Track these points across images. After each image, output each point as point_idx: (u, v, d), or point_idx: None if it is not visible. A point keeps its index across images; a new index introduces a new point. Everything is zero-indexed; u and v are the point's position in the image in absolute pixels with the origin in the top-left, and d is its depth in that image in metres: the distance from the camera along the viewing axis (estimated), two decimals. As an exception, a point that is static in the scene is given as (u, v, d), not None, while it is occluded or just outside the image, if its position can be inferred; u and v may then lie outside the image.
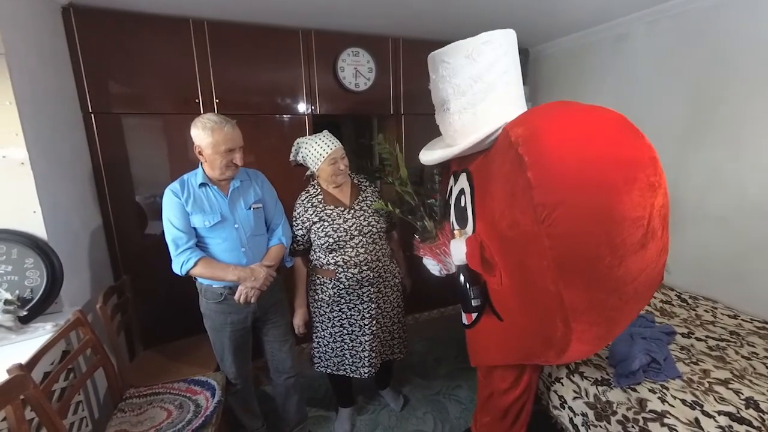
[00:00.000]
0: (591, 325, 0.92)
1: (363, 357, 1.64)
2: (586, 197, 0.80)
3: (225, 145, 1.33)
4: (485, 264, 1.13)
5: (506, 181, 0.96)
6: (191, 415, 1.36)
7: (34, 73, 1.43)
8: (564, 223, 0.81)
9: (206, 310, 1.49)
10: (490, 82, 1.08)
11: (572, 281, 0.85)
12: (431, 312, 2.87)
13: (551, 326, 0.96)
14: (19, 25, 1.36)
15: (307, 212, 1.57)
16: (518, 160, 0.87)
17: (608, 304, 0.88)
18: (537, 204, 0.83)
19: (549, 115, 0.92)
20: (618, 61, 2.20)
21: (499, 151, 1.02)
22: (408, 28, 2.22)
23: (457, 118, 1.15)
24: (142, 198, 1.97)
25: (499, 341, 1.27)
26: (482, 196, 1.14)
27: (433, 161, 1.26)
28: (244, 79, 2.05)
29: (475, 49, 1.07)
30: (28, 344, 1.24)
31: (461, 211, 1.25)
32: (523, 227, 0.91)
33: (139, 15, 1.80)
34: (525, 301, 1.05)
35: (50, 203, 1.43)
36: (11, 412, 0.94)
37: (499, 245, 1.07)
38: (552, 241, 0.83)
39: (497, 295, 1.18)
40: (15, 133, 1.30)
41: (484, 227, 1.13)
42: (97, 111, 1.81)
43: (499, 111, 1.09)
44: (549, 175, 0.82)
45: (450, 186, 1.39)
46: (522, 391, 1.39)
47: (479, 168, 1.16)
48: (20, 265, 1.34)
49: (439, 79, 1.16)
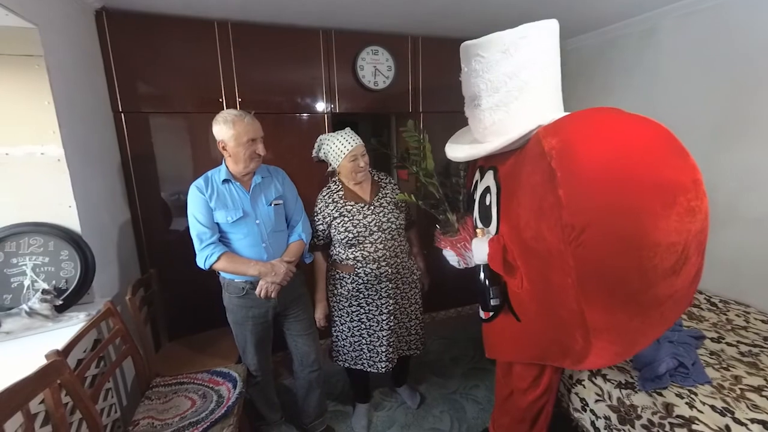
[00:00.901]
0: (611, 343, 0.89)
1: (380, 352, 1.65)
2: (617, 222, 0.76)
3: (247, 135, 1.37)
4: (507, 266, 1.11)
5: (535, 192, 0.92)
6: (214, 404, 1.40)
7: (69, 74, 1.50)
8: (592, 246, 0.78)
9: (229, 304, 1.52)
10: (526, 80, 1.02)
11: (596, 302, 0.82)
12: (448, 311, 2.86)
13: (570, 339, 0.94)
14: (56, 28, 1.43)
15: (327, 207, 1.59)
16: (550, 174, 0.83)
17: (630, 327, 0.85)
18: (565, 224, 0.80)
19: (586, 126, 0.86)
20: (645, 58, 2.13)
21: (530, 158, 0.97)
22: (427, 26, 2.21)
23: (488, 115, 1.10)
24: (166, 195, 2.04)
25: (516, 340, 1.26)
26: (509, 198, 1.10)
27: (459, 159, 1.23)
28: (266, 78, 2.09)
29: (512, 43, 1.00)
30: (63, 332, 1.30)
31: (486, 209, 1.22)
32: (549, 242, 0.87)
33: (166, 17, 1.86)
34: (545, 310, 1.03)
35: (84, 198, 1.50)
36: (49, 395, 0.99)
37: (521, 252, 1.05)
38: (578, 261, 0.80)
39: (517, 297, 1.16)
40: (53, 131, 1.37)
41: (508, 230, 1.10)
42: (126, 110, 1.88)
43: (534, 111, 1.03)
44: (580, 195, 0.78)
45: (475, 180, 1.36)
46: (542, 392, 1.37)
47: (508, 169, 1.12)
48: (56, 257, 1.41)
49: (471, 73, 1.11)
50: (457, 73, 1.21)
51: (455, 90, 1.26)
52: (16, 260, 1.37)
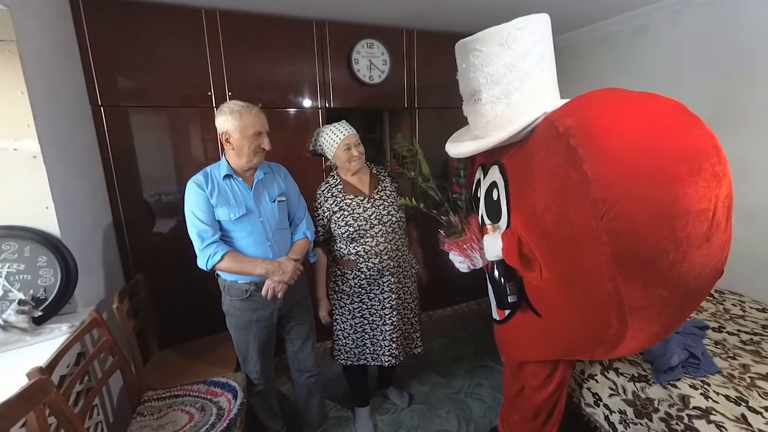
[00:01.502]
0: (649, 322, 0.87)
1: (384, 346, 1.63)
2: (648, 191, 0.75)
3: (254, 128, 1.30)
4: (523, 259, 1.08)
5: (553, 175, 0.90)
6: (214, 418, 1.31)
7: (45, 62, 1.36)
8: (625, 219, 0.76)
9: (230, 309, 1.43)
10: (526, 71, 1.03)
11: (632, 278, 0.81)
12: (445, 309, 2.83)
13: (604, 323, 0.92)
14: (30, 12, 1.30)
15: (327, 202, 1.55)
16: (570, 153, 0.82)
17: (669, 301, 0.84)
18: (595, 199, 0.78)
19: (600, 104, 0.87)
20: (638, 53, 2.16)
21: (541, 142, 0.97)
22: (423, 19, 2.16)
23: (490, 108, 1.09)
24: (148, 195, 1.91)
25: (538, 337, 1.22)
26: (519, 188, 1.08)
27: (463, 154, 1.20)
28: (257, 71, 1.99)
29: (510, 35, 1.01)
30: (43, 346, 1.18)
31: (494, 204, 1.20)
32: (577, 223, 0.86)
33: (149, 4, 1.73)
34: (572, 298, 1.00)
35: (63, 199, 1.37)
36: (34, 418, 0.89)
37: (540, 240, 1.02)
38: (612, 237, 0.78)
39: (536, 290, 1.13)
40: (27, 124, 1.24)
41: (522, 221, 1.08)
42: (106, 104, 1.74)
43: (535, 101, 1.04)
44: (608, 168, 0.77)
45: (477, 179, 1.34)
46: (555, 388, 1.35)
47: (514, 159, 1.11)
48: (33, 264, 1.28)
49: (469, 69, 1.10)
50: (453, 69, 1.20)
51: (451, 85, 1.24)
52: (-14, 268, 1.23)
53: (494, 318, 1.40)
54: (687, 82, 1.95)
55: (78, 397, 1.22)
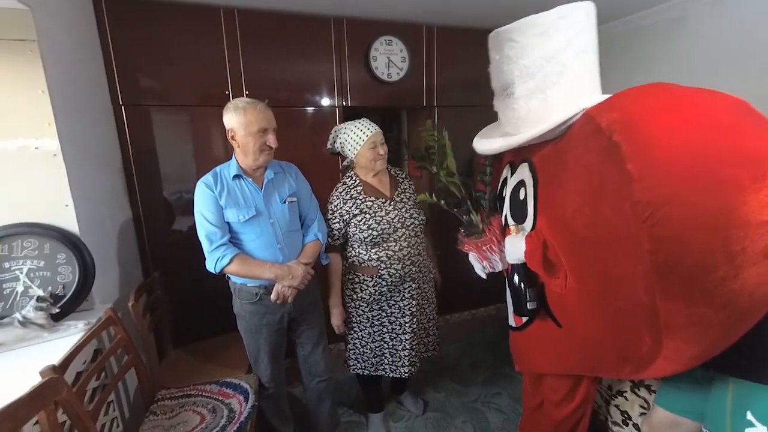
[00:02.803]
0: (687, 343, 0.78)
1: (403, 356, 1.56)
2: (702, 195, 0.67)
3: (258, 124, 1.27)
4: (547, 264, 1.01)
5: (590, 173, 0.83)
6: (225, 420, 1.29)
7: (66, 61, 1.38)
8: (671, 225, 0.68)
9: (240, 311, 1.41)
10: (565, 63, 0.95)
11: (673, 292, 0.72)
12: (462, 313, 2.75)
13: (634, 340, 0.83)
14: (51, 11, 1.31)
15: (346, 204, 1.49)
16: (611, 149, 0.75)
17: (714, 322, 0.74)
18: (638, 201, 0.70)
19: (649, 98, 0.78)
20: (674, 47, 2.03)
21: (578, 139, 0.90)
22: (443, 14, 2.09)
23: (523, 103, 1.02)
24: (168, 193, 1.92)
25: (555, 349, 1.15)
26: (549, 189, 1.01)
27: (492, 151, 1.14)
28: (275, 69, 1.98)
29: (550, 24, 0.94)
30: (60, 343, 1.19)
31: (520, 204, 1.13)
32: (613, 227, 0.78)
33: (169, 3, 1.74)
34: (599, 310, 0.92)
35: (82, 196, 1.38)
36: (44, 417, 0.88)
37: (569, 244, 0.95)
38: (654, 244, 0.70)
39: (558, 299, 1.06)
40: (47, 123, 1.26)
41: (549, 223, 1.01)
42: (127, 103, 1.76)
43: (573, 96, 0.96)
44: (655, 167, 0.69)
45: (504, 177, 1.27)
46: (578, 404, 1.26)
47: (546, 158, 1.04)
48: (52, 261, 1.30)
49: (503, 60, 1.03)
50: (473, 66, 1.13)
51: (471, 83, 1.18)
52: (8, 264, 1.25)
53: (510, 324, 1.33)
54: (726, 77, 1.80)
55: (94, 393, 1.23)
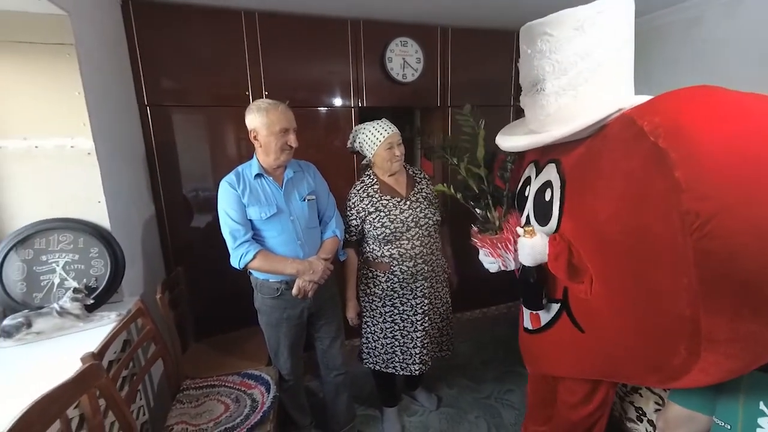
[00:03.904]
0: (728, 357, 0.75)
1: (414, 354, 1.59)
2: (756, 207, 0.64)
3: (280, 124, 1.31)
4: (571, 269, 0.99)
5: (630, 179, 0.80)
6: (248, 409, 1.34)
7: (99, 64, 1.44)
8: (722, 237, 0.66)
9: (262, 306, 1.46)
10: (600, 61, 0.92)
11: (719, 307, 0.70)
12: (473, 312, 2.78)
13: (668, 351, 0.80)
14: (86, 16, 1.37)
15: (362, 202, 1.53)
16: (657, 156, 0.71)
17: (760, 338, 0.72)
18: (687, 211, 0.67)
19: (698, 102, 0.75)
20: (691, 48, 2.02)
21: (616, 142, 0.86)
22: (458, 15, 2.12)
23: (553, 100, 0.99)
24: (187, 191, 1.98)
25: (577, 354, 1.13)
26: (579, 192, 0.99)
27: (518, 148, 1.12)
28: (293, 71, 2.03)
29: (587, 19, 0.91)
30: (94, 333, 1.25)
31: (544, 206, 1.10)
32: (654, 237, 0.75)
33: (192, 7, 1.80)
34: (631, 318, 0.89)
35: (113, 193, 1.44)
36: (86, 401, 0.94)
37: (598, 251, 0.93)
38: (701, 257, 0.68)
39: (582, 304, 1.03)
40: (83, 123, 1.32)
41: (575, 227, 0.99)
42: (152, 103, 1.83)
43: (606, 95, 0.93)
44: (706, 177, 0.66)
45: (527, 176, 1.24)
46: (595, 408, 1.25)
47: (576, 159, 1.01)
48: (86, 255, 1.36)
49: (535, 55, 1.00)
50: (488, 66, 1.12)
51: (485, 84, 1.17)
52: (45, 257, 1.32)
53: (526, 327, 1.31)
54: (745, 79, 1.80)
55: (123, 383, 1.29)
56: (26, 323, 1.18)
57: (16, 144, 1.28)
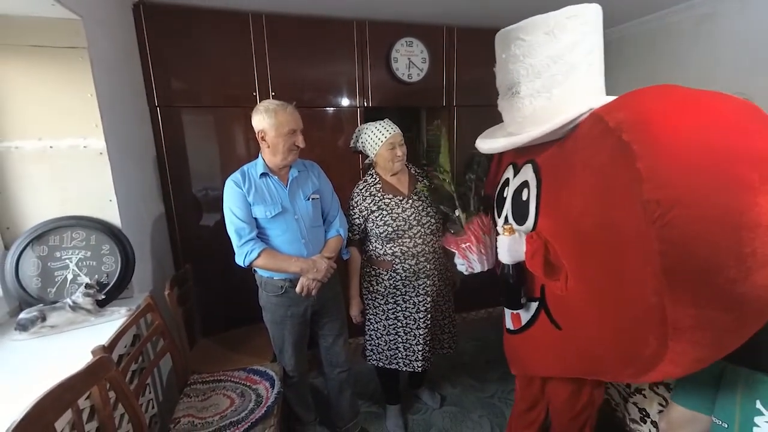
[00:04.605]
0: (694, 346, 0.77)
1: (417, 351, 1.61)
2: (712, 195, 0.67)
3: (288, 126, 1.33)
4: (548, 266, 1.01)
5: (598, 173, 0.83)
6: (253, 404, 1.37)
7: (111, 67, 1.49)
8: (682, 225, 0.68)
9: (266, 304, 1.49)
10: (572, 63, 0.96)
11: (682, 294, 0.72)
12: (479, 312, 2.78)
13: (639, 343, 0.83)
14: (98, 20, 1.42)
15: (365, 201, 1.55)
16: (621, 149, 0.75)
17: (721, 324, 0.74)
18: (648, 200, 0.70)
19: (658, 99, 0.79)
20: (702, 46, 1.98)
21: (586, 140, 0.90)
22: (463, 15, 2.12)
23: (528, 103, 1.03)
24: (196, 190, 2.03)
25: (554, 351, 1.14)
26: (554, 190, 1.01)
27: (495, 150, 1.15)
28: (300, 72, 2.05)
29: (558, 24, 0.95)
30: (105, 327, 1.29)
31: (522, 205, 1.13)
32: (622, 228, 0.78)
33: (201, 10, 1.84)
34: (603, 311, 0.91)
35: (124, 192, 1.49)
36: (97, 392, 0.97)
37: (574, 246, 0.95)
38: (664, 245, 0.70)
39: (558, 301, 1.05)
40: (95, 124, 1.36)
41: (552, 225, 1.01)
42: (162, 105, 1.87)
43: (579, 96, 0.97)
44: (665, 167, 0.69)
45: (505, 178, 1.26)
46: (581, 409, 1.26)
47: (550, 159, 1.04)
48: (98, 251, 1.40)
49: (509, 59, 1.04)
50: (493, 65, 1.15)
51: (491, 83, 1.19)
52: (59, 254, 1.36)
53: (508, 328, 1.32)
54: (759, 78, 1.76)
55: (133, 376, 1.33)
56: (41, 317, 1.23)
57: (32, 144, 1.33)
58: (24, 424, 0.74)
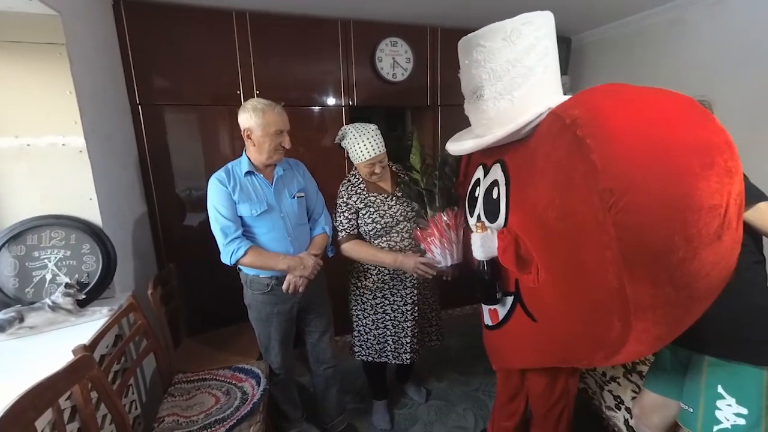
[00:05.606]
0: (654, 324, 0.84)
1: (405, 343, 1.64)
2: (660, 182, 0.73)
3: (276, 126, 1.34)
4: (519, 260, 1.06)
5: (558, 168, 0.89)
6: (238, 402, 1.37)
7: (90, 64, 1.46)
8: (635, 211, 0.74)
9: (252, 302, 1.49)
10: (529, 66, 1.02)
11: (640, 275, 0.78)
12: (464, 308, 2.82)
13: (605, 326, 0.89)
14: (78, 16, 1.40)
15: (351, 198, 1.57)
16: (576, 144, 0.80)
17: (677, 301, 0.80)
18: (603, 189, 0.76)
19: (609, 95, 0.85)
20: (674, 49, 2.07)
21: (546, 137, 0.95)
22: (447, 17, 2.16)
23: (492, 105, 1.08)
24: (179, 189, 2.01)
25: (532, 343, 1.19)
26: (521, 187, 1.07)
27: (464, 151, 1.20)
28: (284, 70, 2.05)
29: (514, 30, 1.01)
30: (86, 327, 1.27)
31: (493, 203, 1.18)
32: (581, 217, 0.83)
33: (184, 7, 1.82)
34: (571, 299, 0.97)
35: (104, 191, 1.47)
36: (78, 391, 0.96)
37: (541, 239, 1.00)
38: (620, 230, 0.76)
39: (531, 293, 1.10)
40: (74, 121, 1.34)
41: (521, 220, 1.06)
42: (144, 102, 1.85)
43: (538, 97, 1.03)
44: (617, 158, 0.75)
45: (476, 178, 1.31)
46: (558, 397, 1.32)
47: (517, 157, 1.09)
48: (78, 251, 1.38)
49: (472, 65, 1.10)
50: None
51: None
52: (37, 253, 1.34)
53: (486, 324, 1.37)
54: (727, 79, 1.85)
55: (115, 377, 1.31)
56: (19, 318, 1.20)
57: (8, 142, 1.30)
58: (3, 422, 0.73)
